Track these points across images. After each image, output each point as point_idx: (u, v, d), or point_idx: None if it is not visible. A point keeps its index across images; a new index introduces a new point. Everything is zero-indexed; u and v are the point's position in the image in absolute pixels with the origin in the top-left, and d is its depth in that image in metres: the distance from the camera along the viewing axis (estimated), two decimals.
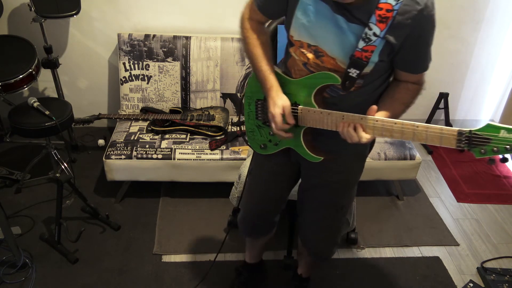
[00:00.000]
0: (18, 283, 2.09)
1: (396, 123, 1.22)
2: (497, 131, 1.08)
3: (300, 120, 1.39)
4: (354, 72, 1.24)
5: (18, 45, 2.60)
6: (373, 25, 1.17)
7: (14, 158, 2.93)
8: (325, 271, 2.26)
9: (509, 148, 1.07)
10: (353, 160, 1.54)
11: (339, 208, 1.64)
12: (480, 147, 1.11)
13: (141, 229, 2.45)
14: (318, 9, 1.24)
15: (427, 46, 1.24)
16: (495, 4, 3.07)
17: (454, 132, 1.13)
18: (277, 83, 1.39)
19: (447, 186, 2.99)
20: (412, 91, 1.34)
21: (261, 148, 1.56)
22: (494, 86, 3.48)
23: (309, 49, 1.31)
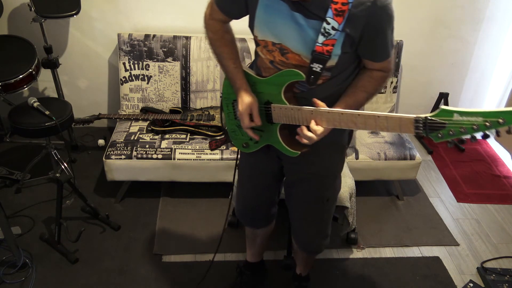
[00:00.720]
0: (18, 283, 2.09)
1: (359, 115, 1.26)
2: (450, 115, 1.11)
3: (275, 117, 1.43)
4: (317, 67, 1.27)
5: (18, 45, 2.60)
6: (330, 19, 1.20)
7: (14, 158, 2.93)
8: (325, 271, 2.26)
9: (464, 130, 1.10)
10: (332, 151, 1.56)
11: (325, 200, 1.64)
12: (437, 132, 1.14)
13: (141, 229, 2.45)
14: (277, 8, 1.27)
15: (385, 35, 1.26)
16: (495, 4, 3.07)
17: (411, 119, 1.18)
18: (245, 82, 1.43)
19: (447, 186, 2.99)
20: (376, 79, 1.36)
21: (243, 147, 1.60)
22: (494, 86, 3.48)
23: (273, 47, 1.34)
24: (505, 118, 1.04)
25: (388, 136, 2.75)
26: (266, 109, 1.43)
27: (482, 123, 1.07)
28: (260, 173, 1.69)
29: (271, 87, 1.39)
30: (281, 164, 1.64)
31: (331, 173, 1.62)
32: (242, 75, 1.44)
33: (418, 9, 3.04)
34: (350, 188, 2.24)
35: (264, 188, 1.74)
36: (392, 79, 3.02)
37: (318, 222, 1.72)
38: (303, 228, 1.76)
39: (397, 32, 3.34)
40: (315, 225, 1.73)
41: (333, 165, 1.61)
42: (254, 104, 1.41)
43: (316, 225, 1.73)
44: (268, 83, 1.41)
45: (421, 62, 3.27)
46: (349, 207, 2.23)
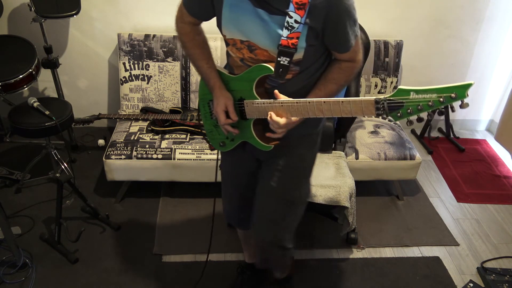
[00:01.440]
0: (18, 283, 2.09)
1: (325, 102, 1.30)
2: (407, 93, 1.15)
3: (248, 113, 1.46)
4: (285, 60, 1.31)
5: (18, 45, 2.61)
6: (292, 13, 1.24)
7: (14, 158, 2.93)
8: (325, 271, 2.26)
9: (421, 108, 1.14)
10: (303, 145, 1.57)
11: (289, 203, 1.61)
12: (396, 111, 1.18)
13: (141, 229, 2.45)
14: (242, 6, 1.30)
15: (346, 26, 1.28)
16: (495, 4, 3.08)
17: (372, 101, 1.22)
18: (219, 81, 1.47)
19: (447, 186, 2.99)
20: (345, 70, 1.40)
21: (220, 146, 1.63)
22: (494, 86, 3.48)
23: (242, 44, 1.37)
24: (457, 93, 1.09)
25: (388, 136, 2.75)
26: (239, 105, 1.46)
27: (437, 99, 1.12)
28: (240, 173, 1.71)
29: (243, 84, 1.43)
30: (258, 162, 1.65)
31: (301, 167, 1.62)
32: (216, 74, 1.47)
33: (418, 9, 3.04)
34: (350, 188, 2.24)
35: (246, 187, 1.72)
36: (392, 79, 3.02)
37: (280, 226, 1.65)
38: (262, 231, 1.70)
39: (397, 32, 3.34)
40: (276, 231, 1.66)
41: (304, 159, 1.61)
42: (228, 101, 1.45)
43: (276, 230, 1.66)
44: (240, 80, 1.44)
45: (421, 62, 3.27)
46: (349, 207, 2.23)
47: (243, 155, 1.62)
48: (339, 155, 2.51)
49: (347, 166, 2.43)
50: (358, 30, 1.34)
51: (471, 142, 3.48)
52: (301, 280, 2.21)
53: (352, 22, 1.29)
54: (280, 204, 1.63)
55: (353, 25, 1.30)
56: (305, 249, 2.38)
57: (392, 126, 2.88)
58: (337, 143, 2.58)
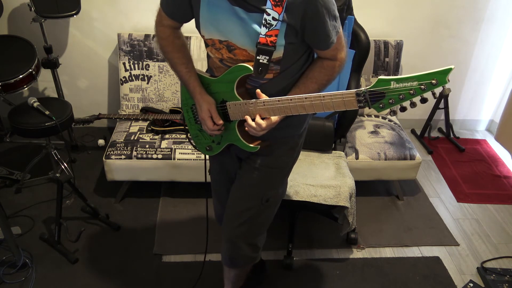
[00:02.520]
0: (18, 283, 2.09)
1: (306, 98, 1.29)
2: (388, 83, 1.14)
3: (231, 115, 1.44)
4: (264, 59, 1.28)
5: (18, 45, 2.61)
6: (270, 10, 1.22)
7: (14, 158, 2.93)
8: (325, 271, 2.26)
9: (403, 97, 1.13)
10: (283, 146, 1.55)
11: (264, 201, 1.59)
12: (378, 103, 1.17)
13: (141, 229, 2.45)
14: (219, 5, 1.28)
15: (324, 23, 1.26)
16: (495, 4, 3.08)
17: (353, 93, 1.21)
18: (199, 85, 1.45)
19: (447, 186, 2.99)
20: (326, 69, 1.38)
21: (207, 150, 1.61)
22: (494, 86, 3.49)
23: (221, 44, 1.36)
24: (437, 79, 1.08)
25: (388, 136, 2.75)
26: (222, 108, 1.44)
27: (418, 86, 1.10)
28: (229, 176, 1.69)
29: (224, 86, 1.41)
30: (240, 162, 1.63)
31: (279, 166, 1.59)
32: (195, 79, 1.46)
33: (418, 9, 3.04)
34: (350, 188, 2.24)
35: None
36: None
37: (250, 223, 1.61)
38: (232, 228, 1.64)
39: (397, 32, 3.34)
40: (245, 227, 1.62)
41: (283, 159, 1.59)
42: (211, 105, 1.43)
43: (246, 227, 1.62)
44: (220, 82, 1.42)
45: (421, 62, 3.27)
46: (349, 207, 2.23)
47: (229, 156, 1.61)
48: (339, 155, 2.51)
49: (347, 166, 2.43)
50: (340, 26, 1.32)
51: (471, 142, 3.48)
52: (301, 280, 2.21)
53: (332, 17, 1.27)
54: (256, 201, 1.59)
55: (333, 21, 1.28)
56: (305, 249, 2.38)
57: (392, 126, 2.88)
58: (337, 143, 2.58)
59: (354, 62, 2.46)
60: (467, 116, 3.63)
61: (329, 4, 1.24)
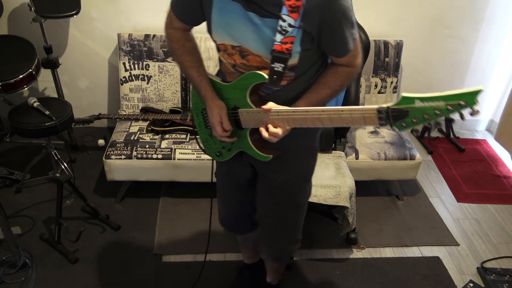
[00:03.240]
0: (18, 283, 2.09)
1: (324, 111, 1.23)
2: (412, 101, 1.07)
3: (243, 122, 1.39)
4: (279, 66, 1.24)
5: (18, 45, 2.60)
6: (286, 16, 1.17)
7: (14, 158, 2.93)
8: (325, 271, 2.26)
9: (427, 117, 1.06)
10: (303, 156, 1.53)
11: (296, 206, 1.62)
12: (400, 121, 1.11)
13: (141, 229, 2.45)
14: (231, 9, 1.23)
15: (342, 29, 1.22)
16: (495, 4, 3.08)
17: (374, 110, 1.14)
18: (210, 89, 1.40)
19: (447, 186, 2.99)
20: (341, 75, 1.34)
21: (217, 155, 1.57)
22: (494, 86, 3.49)
23: (233, 50, 1.31)
24: (466, 100, 1.02)
25: (388, 136, 2.75)
26: (234, 114, 1.40)
27: (444, 107, 1.04)
28: (236, 180, 1.66)
29: (236, 92, 1.36)
30: (254, 170, 1.60)
31: (302, 178, 1.58)
32: (207, 83, 1.40)
33: (418, 9, 3.04)
34: (350, 188, 2.24)
35: (242, 195, 1.70)
36: (392, 79, 3.02)
37: (288, 228, 1.69)
38: (272, 235, 1.72)
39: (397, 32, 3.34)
40: (285, 231, 1.70)
41: (305, 170, 1.58)
42: (222, 111, 1.38)
43: (285, 231, 1.70)
44: (233, 88, 1.37)
45: (421, 62, 3.27)
46: (349, 207, 2.23)
47: (239, 163, 1.58)
48: (339, 155, 2.51)
49: (347, 166, 2.43)
50: (357, 33, 1.28)
51: (471, 142, 3.48)
52: (301, 280, 2.21)
53: (349, 24, 1.22)
54: (289, 210, 1.63)
55: (350, 28, 1.23)
56: (305, 249, 2.38)
57: None
58: (337, 143, 2.58)
59: None
60: (467, 116, 3.62)
61: (347, 11, 1.19)
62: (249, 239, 1.97)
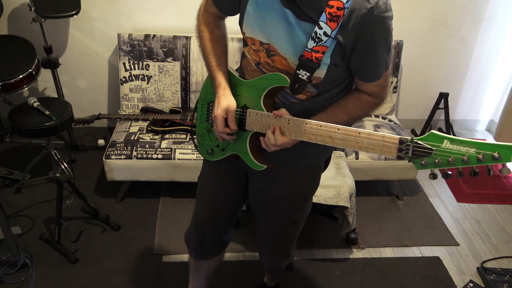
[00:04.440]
0: (18, 283, 2.09)
1: (339, 129, 1.15)
2: (440, 141, 1.00)
3: (248, 124, 1.31)
4: (304, 75, 1.17)
5: (18, 45, 2.60)
6: (323, 24, 1.10)
7: (14, 158, 2.93)
8: (325, 271, 2.26)
9: (452, 161, 0.98)
10: (304, 175, 1.45)
11: (291, 223, 1.56)
12: (421, 158, 1.03)
13: (141, 229, 2.45)
14: (269, 3, 1.17)
15: (378, 52, 1.15)
16: (495, 4, 3.08)
17: (396, 140, 1.07)
18: (225, 81, 1.32)
19: (447, 186, 2.99)
20: (363, 103, 1.25)
21: (208, 153, 1.47)
22: (494, 86, 3.49)
23: (261, 47, 1.25)
24: (501, 153, 0.94)
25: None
26: (241, 113, 1.32)
27: (474, 155, 0.96)
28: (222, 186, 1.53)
29: (252, 91, 1.30)
30: (247, 182, 1.51)
31: (300, 197, 1.51)
32: (224, 73, 1.33)
33: (418, 9, 3.04)
34: (350, 188, 2.24)
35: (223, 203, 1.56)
36: (392, 79, 3.02)
37: (282, 243, 1.67)
38: (267, 248, 1.72)
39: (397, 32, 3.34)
40: (279, 246, 1.68)
41: (304, 190, 1.50)
42: (231, 106, 1.29)
43: (279, 246, 1.68)
44: (250, 86, 1.31)
45: (421, 62, 3.27)
46: (349, 207, 2.23)
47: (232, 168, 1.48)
48: (339, 155, 2.51)
49: (347, 166, 2.43)
50: (390, 62, 1.20)
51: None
52: (301, 280, 2.21)
53: (386, 49, 1.15)
54: (284, 226, 1.58)
55: (386, 53, 1.16)
56: (305, 249, 2.38)
57: (392, 126, 2.88)
58: None
59: None
60: (467, 116, 3.63)
61: (388, 34, 1.13)
62: (203, 266, 1.76)
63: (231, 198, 1.57)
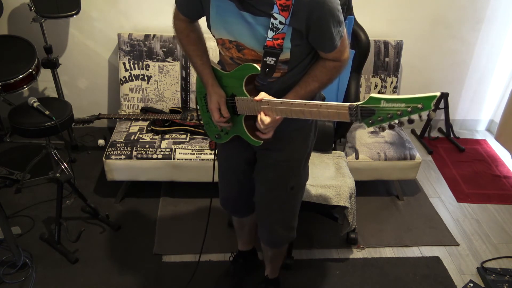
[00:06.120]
0: (18, 283, 2.09)
1: (305, 104, 1.34)
2: (378, 102, 1.18)
3: (239, 109, 1.51)
4: (271, 60, 1.34)
5: (18, 45, 2.60)
6: (277, 15, 1.26)
7: (14, 158, 2.93)
8: (325, 271, 2.26)
9: (390, 116, 1.18)
10: (297, 137, 1.61)
11: (289, 188, 1.67)
12: (368, 118, 1.22)
13: (141, 229, 2.45)
14: (226, 8, 1.33)
15: (328, 26, 1.30)
16: (495, 4, 3.08)
17: (346, 107, 1.26)
18: (212, 77, 1.51)
19: (447, 186, 2.99)
20: (328, 69, 1.42)
21: (216, 138, 1.68)
22: (494, 86, 3.49)
23: (230, 44, 1.41)
24: (423, 104, 1.12)
25: (388, 136, 2.75)
26: (231, 101, 1.51)
27: (405, 108, 1.14)
28: (236, 161, 1.75)
29: (234, 81, 1.47)
30: (253, 151, 1.69)
31: (296, 159, 1.65)
32: (209, 71, 1.51)
33: (418, 9, 3.04)
34: (350, 188, 2.24)
35: (243, 173, 1.76)
36: (392, 79, 3.02)
37: (281, 210, 1.74)
38: (265, 216, 1.77)
39: (397, 32, 3.34)
40: (278, 214, 1.74)
41: (298, 151, 1.64)
42: (221, 98, 1.49)
43: (278, 214, 1.74)
44: (230, 77, 1.48)
45: (421, 62, 3.27)
46: (349, 207, 2.23)
47: (239, 145, 1.65)
48: (339, 155, 2.51)
49: (347, 166, 2.43)
50: (344, 30, 1.36)
51: (471, 142, 3.48)
52: (301, 280, 2.21)
53: (336, 23, 1.31)
54: (282, 191, 1.67)
55: (337, 26, 1.32)
56: (305, 249, 2.38)
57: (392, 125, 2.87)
58: (337, 143, 2.58)
59: (354, 62, 2.46)
60: (467, 116, 3.63)
61: (334, 10, 1.27)
62: (245, 224, 2.03)
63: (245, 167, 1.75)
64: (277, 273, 2.08)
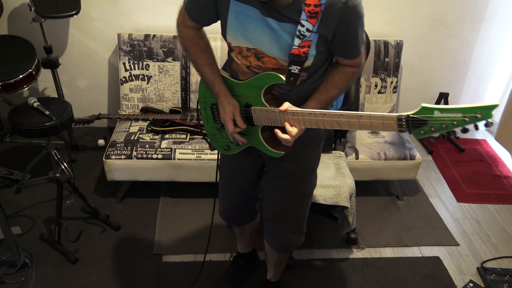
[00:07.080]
0: (18, 283, 2.09)
1: (342, 115, 1.28)
2: (431, 112, 1.14)
3: (256, 120, 1.44)
4: (295, 69, 1.30)
5: (18, 45, 2.60)
6: (304, 22, 1.22)
7: (14, 158, 2.93)
8: (325, 271, 2.26)
9: (445, 126, 1.14)
10: (310, 145, 1.58)
11: (301, 196, 1.66)
12: (419, 129, 1.17)
13: (141, 229, 2.45)
14: (249, 14, 1.28)
15: (356, 34, 1.28)
16: (495, 4, 3.08)
17: (394, 118, 1.20)
18: (224, 87, 1.43)
19: (447, 186, 2.99)
20: (347, 75, 1.39)
21: (225, 149, 1.61)
22: (494, 86, 3.49)
23: (248, 52, 1.35)
24: (482, 113, 1.08)
25: (388, 136, 2.75)
26: (246, 111, 1.44)
27: (462, 118, 1.10)
28: (243, 172, 1.70)
29: (250, 90, 1.40)
30: (262, 161, 1.66)
31: (309, 167, 1.64)
32: (220, 80, 1.44)
33: (418, 9, 3.04)
34: (350, 188, 2.24)
35: (248, 186, 1.74)
36: (392, 79, 3.02)
37: (294, 217, 1.73)
38: (278, 224, 1.75)
39: (397, 32, 3.34)
40: (291, 221, 1.73)
41: (311, 159, 1.63)
42: (236, 109, 1.42)
43: (291, 220, 1.73)
44: (246, 86, 1.41)
45: (421, 62, 3.27)
46: (349, 207, 2.23)
47: (247, 154, 1.61)
48: (339, 155, 2.51)
49: (347, 166, 2.43)
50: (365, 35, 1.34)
51: (471, 142, 3.48)
52: (301, 280, 2.21)
53: (361, 29, 1.29)
54: (295, 199, 1.66)
55: (362, 32, 1.30)
56: (305, 249, 2.38)
57: None
58: (337, 143, 2.58)
59: None
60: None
61: (361, 17, 1.25)
62: (246, 230, 2.02)
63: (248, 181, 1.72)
64: (279, 276, 2.07)
